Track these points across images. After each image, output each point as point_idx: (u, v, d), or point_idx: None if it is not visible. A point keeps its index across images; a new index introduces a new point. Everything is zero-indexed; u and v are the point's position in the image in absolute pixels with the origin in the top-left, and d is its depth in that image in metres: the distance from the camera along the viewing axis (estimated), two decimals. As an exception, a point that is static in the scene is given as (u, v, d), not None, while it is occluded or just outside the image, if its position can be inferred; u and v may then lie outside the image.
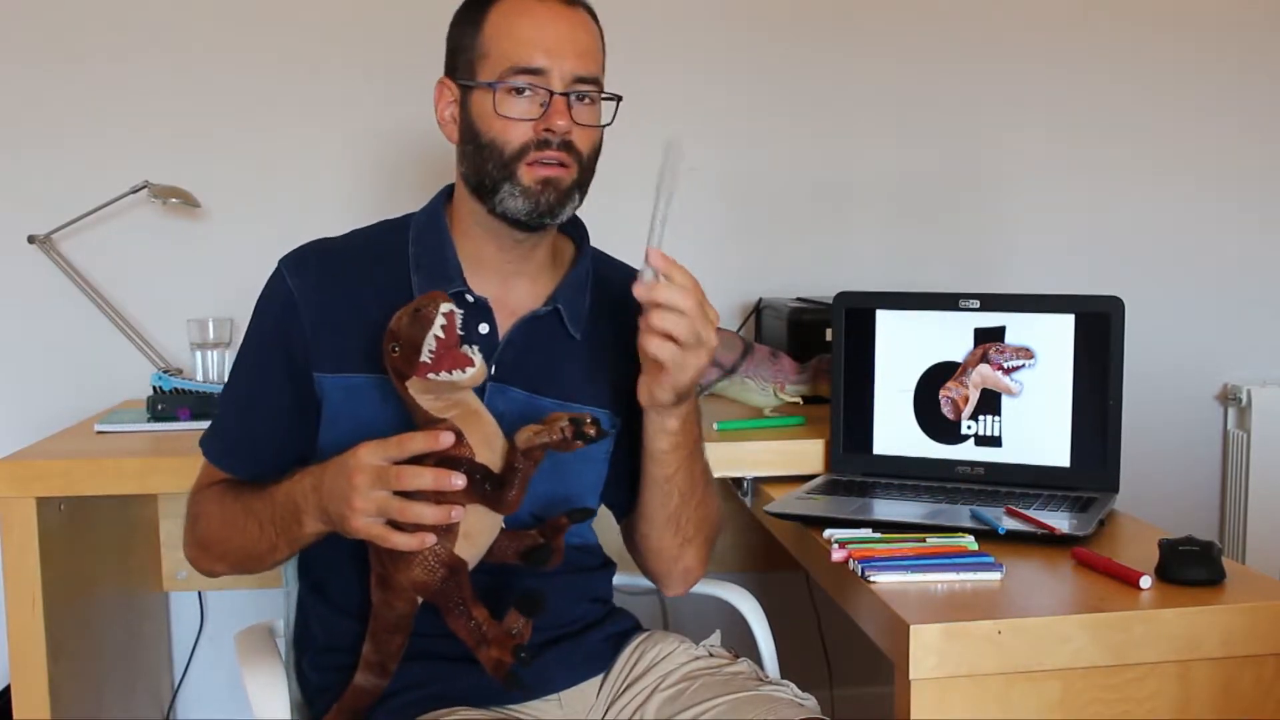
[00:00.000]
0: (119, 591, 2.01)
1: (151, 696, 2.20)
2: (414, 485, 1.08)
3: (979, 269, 2.48)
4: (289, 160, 2.25)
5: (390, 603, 1.16)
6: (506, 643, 1.15)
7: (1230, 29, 2.53)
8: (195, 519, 1.29)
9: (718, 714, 1.24)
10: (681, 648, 1.36)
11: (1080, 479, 1.58)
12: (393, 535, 1.09)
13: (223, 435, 1.31)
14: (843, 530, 1.42)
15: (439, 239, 1.29)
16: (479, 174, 1.24)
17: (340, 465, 1.12)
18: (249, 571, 1.28)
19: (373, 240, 1.32)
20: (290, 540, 1.20)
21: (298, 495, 1.17)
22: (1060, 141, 2.50)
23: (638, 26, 2.31)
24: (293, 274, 1.27)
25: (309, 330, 1.25)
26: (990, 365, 1.63)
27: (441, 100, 1.28)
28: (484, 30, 1.23)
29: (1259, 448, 2.49)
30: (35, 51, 2.18)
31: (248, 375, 1.30)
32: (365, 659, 1.20)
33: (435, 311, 1.09)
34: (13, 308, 2.21)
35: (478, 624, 1.15)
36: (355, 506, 1.09)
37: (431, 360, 1.09)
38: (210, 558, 1.29)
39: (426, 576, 1.12)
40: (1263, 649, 1.19)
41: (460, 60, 1.26)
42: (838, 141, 2.43)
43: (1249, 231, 2.58)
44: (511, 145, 1.22)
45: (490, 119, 1.22)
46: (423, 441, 1.10)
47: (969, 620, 1.15)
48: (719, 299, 2.38)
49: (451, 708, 1.23)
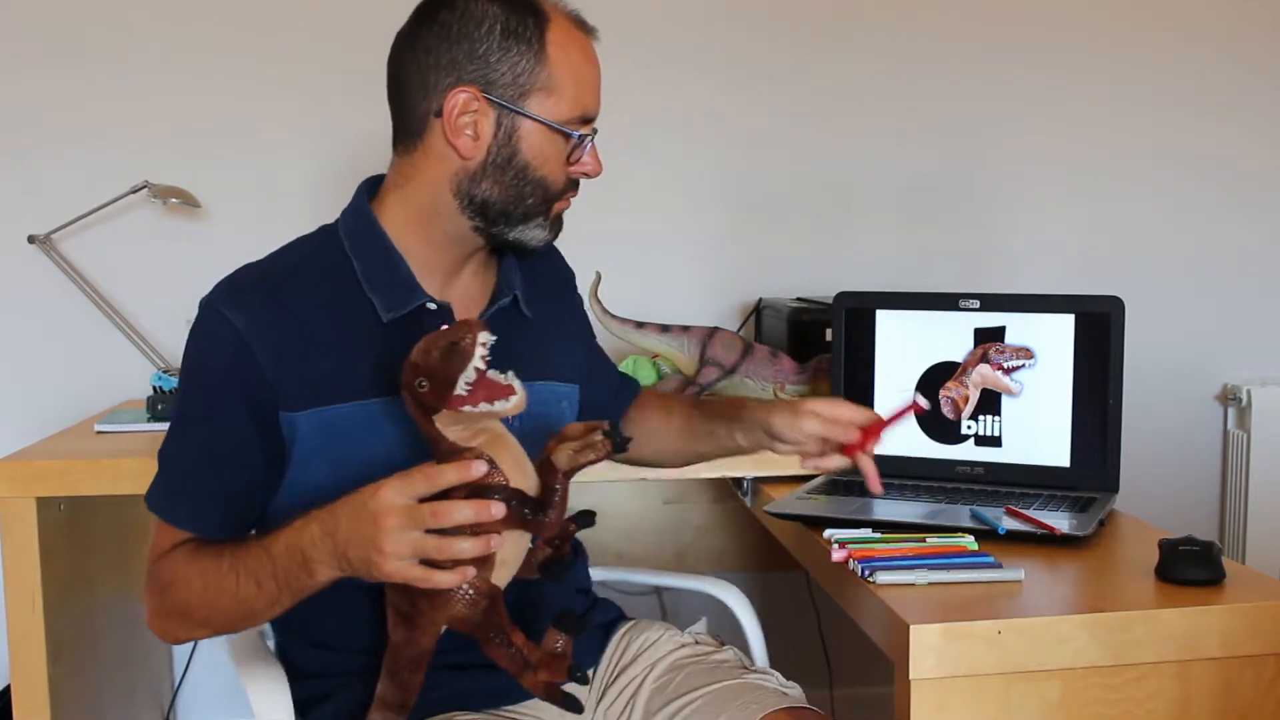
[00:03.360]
0: (119, 591, 2.01)
1: (151, 697, 2.20)
2: (454, 522, 1.01)
3: (979, 269, 2.48)
4: (289, 160, 2.26)
5: (415, 640, 1.10)
6: (556, 664, 1.11)
7: (1231, 29, 2.53)
8: (165, 587, 1.17)
9: (703, 703, 1.25)
10: (667, 635, 1.38)
11: (1080, 479, 1.58)
12: (434, 575, 1.03)
13: (186, 495, 1.19)
14: (843, 530, 1.42)
15: (382, 248, 1.22)
16: (512, 202, 1.20)
17: (359, 508, 1.04)
18: (238, 630, 1.19)
19: (308, 259, 1.23)
20: (296, 592, 1.11)
21: (305, 544, 1.08)
22: (1060, 141, 2.50)
23: (638, 27, 2.31)
24: (235, 312, 1.16)
25: (269, 369, 1.15)
26: (990, 365, 1.63)
27: (462, 110, 1.17)
28: (549, 61, 1.17)
29: (1259, 448, 2.49)
30: (35, 52, 2.18)
31: (204, 428, 1.18)
32: (382, 698, 1.14)
33: (474, 343, 1.01)
34: (13, 308, 2.21)
35: (518, 650, 1.10)
36: (386, 551, 1.02)
37: (468, 393, 1.02)
38: (190, 624, 1.18)
39: (469, 611, 1.07)
40: (1263, 649, 1.19)
41: (504, 77, 1.17)
42: (838, 141, 2.43)
43: (1249, 231, 2.58)
44: (558, 185, 1.22)
45: (547, 160, 1.20)
46: (455, 473, 1.02)
47: (969, 620, 1.15)
48: (719, 299, 2.41)
49: (451, 712, 1.23)
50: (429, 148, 1.20)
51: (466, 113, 1.17)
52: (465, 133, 1.18)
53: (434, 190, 1.21)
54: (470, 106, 1.17)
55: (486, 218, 1.21)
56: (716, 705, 1.24)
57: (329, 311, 1.19)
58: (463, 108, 1.17)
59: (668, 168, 2.38)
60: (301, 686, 1.26)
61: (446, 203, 1.21)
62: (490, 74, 1.16)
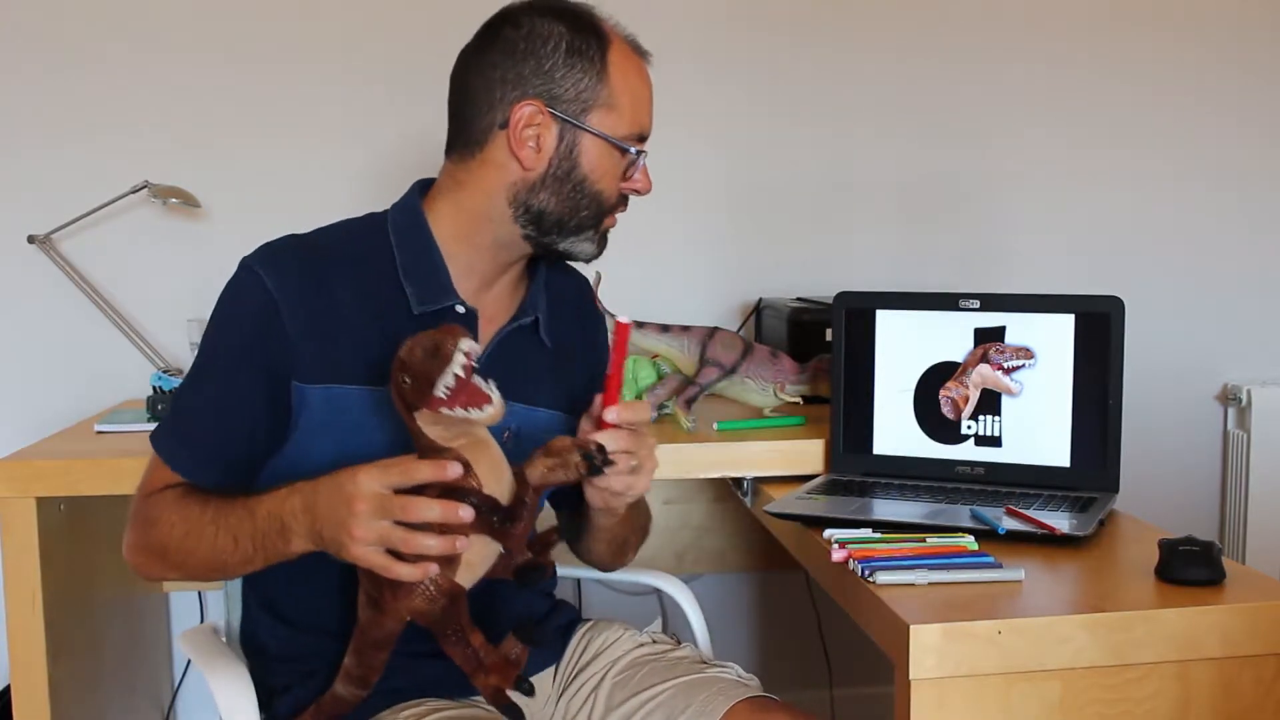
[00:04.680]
0: (119, 591, 2.01)
1: (151, 697, 2.20)
2: (421, 518, 1.04)
3: (979, 269, 2.48)
4: (289, 160, 2.26)
5: (380, 622, 1.12)
6: (507, 671, 1.14)
7: (1230, 29, 2.53)
8: (150, 523, 1.20)
9: (666, 697, 1.29)
10: (627, 634, 1.42)
11: (1080, 479, 1.58)
12: (395, 566, 1.06)
13: (188, 442, 1.22)
14: (843, 530, 1.42)
15: (425, 245, 1.26)
16: (568, 214, 1.25)
17: (337, 489, 1.07)
18: (207, 581, 1.23)
19: (351, 240, 1.27)
20: (269, 557, 1.14)
21: (286, 514, 1.12)
22: (1060, 141, 2.50)
23: (638, 27, 2.31)
24: (270, 274, 1.20)
25: (293, 336, 1.19)
26: (990, 365, 1.63)
27: (528, 123, 1.21)
28: (610, 80, 1.23)
29: (1259, 448, 2.49)
30: (35, 52, 2.18)
31: (220, 380, 1.22)
32: (347, 671, 1.17)
33: (455, 349, 1.04)
34: (13, 308, 2.21)
35: (474, 651, 1.13)
36: (355, 535, 1.05)
37: (447, 396, 1.04)
38: (164, 565, 1.21)
39: (427, 606, 1.09)
40: (1263, 649, 1.19)
41: (569, 93, 1.22)
42: (838, 142, 2.43)
43: (1249, 231, 2.58)
44: (611, 199, 1.28)
45: (605, 174, 1.25)
46: (430, 470, 1.06)
47: (969, 620, 1.15)
48: (719, 299, 2.41)
49: (419, 699, 1.25)
50: (489, 157, 1.24)
51: (531, 125, 1.22)
52: (529, 144, 1.22)
53: (489, 198, 1.25)
54: (535, 119, 1.22)
55: (540, 227, 1.26)
56: (683, 698, 1.29)
57: (361, 294, 1.23)
58: (528, 120, 1.21)
59: (668, 167, 2.37)
60: (271, 670, 1.29)
61: (500, 210, 1.25)
62: (555, 89, 1.22)
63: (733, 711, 1.26)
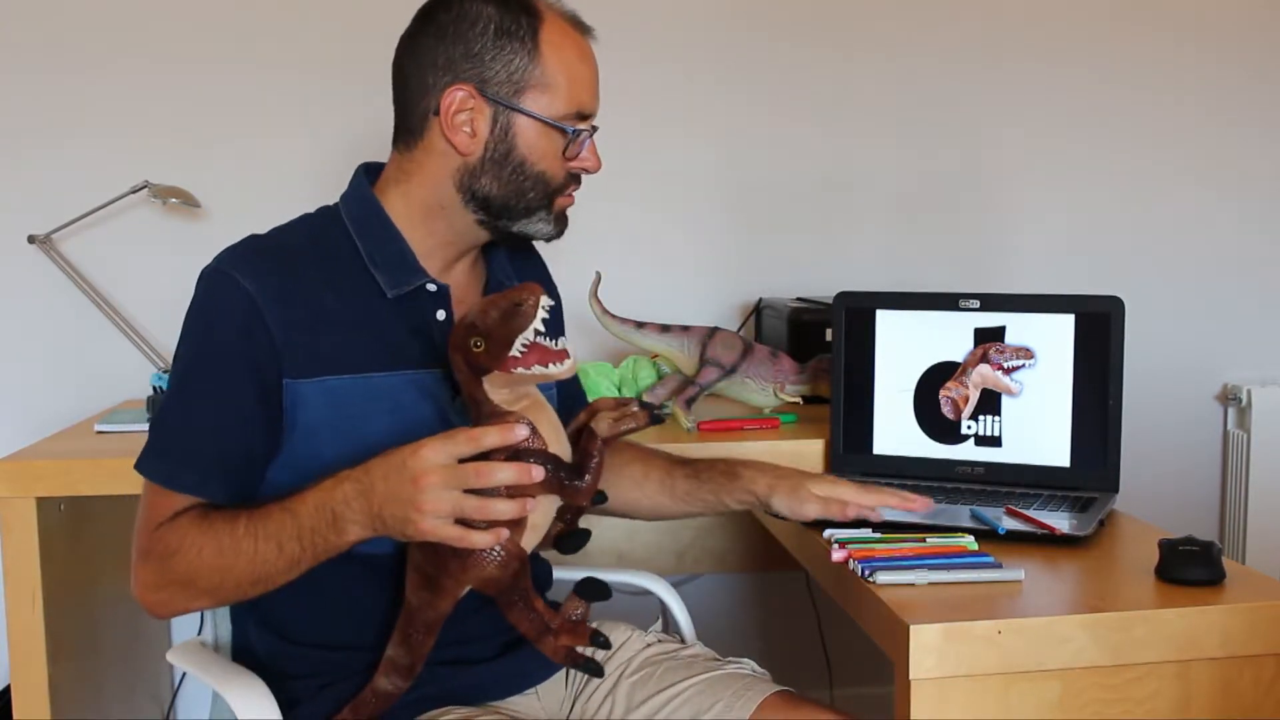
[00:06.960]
0: (119, 591, 2.00)
1: (151, 696, 2.20)
2: (494, 482, 1.04)
3: (979, 269, 2.48)
4: (289, 160, 2.26)
5: (434, 604, 1.12)
6: (578, 629, 1.15)
7: (1230, 29, 2.53)
8: (169, 554, 1.14)
9: (693, 693, 1.30)
10: (635, 635, 1.43)
11: (1080, 479, 1.58)
12: (471, 535, 1.05)
13: (187, 459, 1.17)
14: (843, 530, 1.42)
15: (386, 231, 1.26)
16: (513, 196, 1.24)
17: (398, 467, 1.06)
18: (240, 599, 1.17)
19: (312, 234, 1.27)
20: (319, 554, 1.12)
21: (337, 504, 1.09)
22: (1060, 141, 2.50)
23: (638, 26, 2.31)
24: (245, 275, 1.18)
25: (278, 334, 1.17)
26: (990, 365, 1.63)
27: (460, 107, 1.20)
28: (544, 60, 1.21)
29: (1259, 448, 2.49)
30: (35, 52, 2.18)
31: (209, 388, 1.18)
32: (393, 661, 1.16)
33: (537, 305, 1.03)
34: (13, 308, 2.21)
35: (539, 615, 1.13)
36: (425, 509, 1.04)
37: (523, 355, 1.04)
38: (190, 594, 1.16)
39: (499, 573, 1.09)
40: (1263, 649, 1.19)
41: (498, 76, 1.20)
42: (838, 141, 2.43)
43: (1249, 231, 2.58)
44: (558, 180, 1.26)
45: (544, 155, 1.23)
46: (499, 435, 1.05)
47: (969, 620, 1.15)
48: (719, 299, 2.41)
49: (445, 707, 1.24)
50: (429, 145, 1.24)
51: (463, 110, 1.21)
52: (463, 130, 1.21)
53: (437, 186, 1.25)
54: (466, 104, 1.21)
55: (489, 212, 1.25)
56: (710, 694, 1.29)
57: (335, 287, 1.22)
58: (459, 105, 1.21)
59: (668, 167, 2.38)
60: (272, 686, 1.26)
61: (450, 197, 1.25)
62: (485, 72, 1.20)
63: (763, 706, 1.27)
